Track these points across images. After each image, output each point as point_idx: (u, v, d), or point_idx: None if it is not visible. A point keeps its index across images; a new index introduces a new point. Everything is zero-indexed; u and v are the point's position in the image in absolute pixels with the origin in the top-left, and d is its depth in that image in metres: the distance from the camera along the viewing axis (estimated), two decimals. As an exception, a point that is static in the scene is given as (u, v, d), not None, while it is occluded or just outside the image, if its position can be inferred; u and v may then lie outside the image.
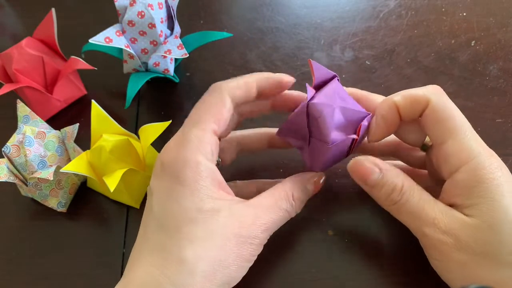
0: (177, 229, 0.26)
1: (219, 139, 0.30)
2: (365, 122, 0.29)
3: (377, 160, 0.29)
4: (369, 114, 0.29)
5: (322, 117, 0.28)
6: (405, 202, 0.28)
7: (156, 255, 0.26)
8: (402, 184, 0.28)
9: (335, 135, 0.28)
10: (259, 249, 0.28)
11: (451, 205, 0.27)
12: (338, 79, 0.30)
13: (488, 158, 0.26)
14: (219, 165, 0.33)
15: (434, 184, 0.31)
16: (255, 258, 0.28)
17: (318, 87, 0.30)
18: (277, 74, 0.30)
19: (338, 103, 0.28)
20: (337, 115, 0.28)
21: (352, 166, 0.29)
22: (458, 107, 0.28)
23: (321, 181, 0.31)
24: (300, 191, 0.30)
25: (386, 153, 0.34)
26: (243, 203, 0.28)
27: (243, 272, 0.27)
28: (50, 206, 0.35)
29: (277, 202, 0.28)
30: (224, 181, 0.28)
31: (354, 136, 0.28)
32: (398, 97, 0.29)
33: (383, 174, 0.28)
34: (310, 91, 0.28)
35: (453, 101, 0.28)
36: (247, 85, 0.29)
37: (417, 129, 0.30)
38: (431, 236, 0.27)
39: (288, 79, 0.31)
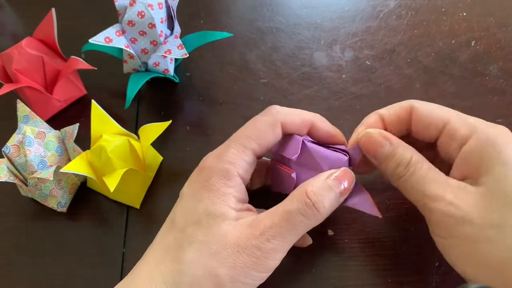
0: (182, 229, 0.26)
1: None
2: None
3: (389, 134, 0.28)
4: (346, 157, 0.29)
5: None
6: (411, 175, 0.27)
7: (159, 251, 0.27)
8: (410, 158, 0.27)
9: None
10: (265, 264, 0.25)
11: (463, 180, 0.26)
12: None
13: (491, 127, 0.26)
14: (248, 188, 0.32)
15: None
16: (260, 275, 0.26)
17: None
18: (333, 128, 0.30)
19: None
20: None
21: (363, 138, 0.28)
22: (458, 107, 0.29)
23: (350, 184, 0.28)
24: (318, 186, 0.26)
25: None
26: (255, 214, 0.27)
27: None
28: (50, 206, 0.35)
29: (285, 205, 0.26)
30: (247, 199, 0.28)
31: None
32: (383, 110, 0.30)
33: (393, 147, 0.28)
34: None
35: (453, 101, 0.28)
36: (302, 123, 0.29)
37: None
38: (437, 209, 0.26)
39: (341, 139, 0.30)
